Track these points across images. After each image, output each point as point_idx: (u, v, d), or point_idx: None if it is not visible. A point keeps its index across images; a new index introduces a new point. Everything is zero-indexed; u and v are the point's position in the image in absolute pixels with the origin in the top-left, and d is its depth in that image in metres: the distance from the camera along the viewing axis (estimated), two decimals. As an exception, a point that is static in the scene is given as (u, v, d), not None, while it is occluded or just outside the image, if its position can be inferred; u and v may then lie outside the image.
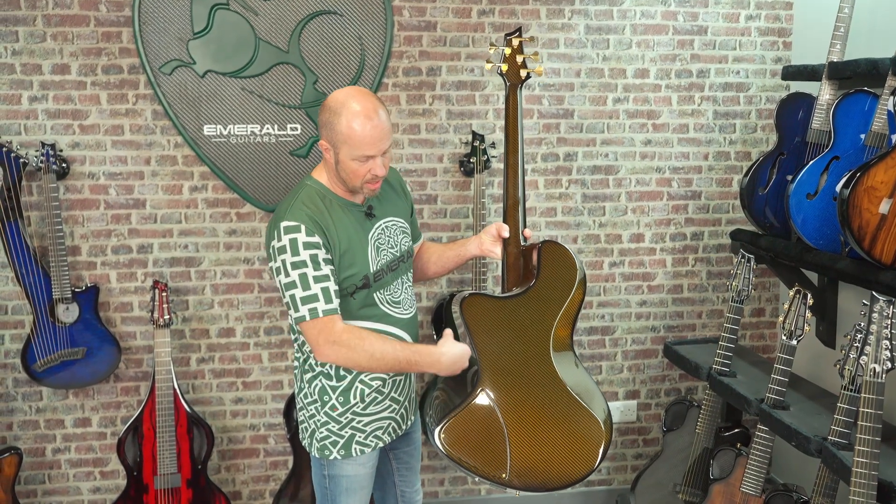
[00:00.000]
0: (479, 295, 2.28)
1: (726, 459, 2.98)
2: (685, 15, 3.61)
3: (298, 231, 2.17)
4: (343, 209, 2.29)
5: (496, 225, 2.36)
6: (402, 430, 2.49)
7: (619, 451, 3.87)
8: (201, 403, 3.54)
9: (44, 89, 3.28)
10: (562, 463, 2.21)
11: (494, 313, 2.27)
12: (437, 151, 3.53)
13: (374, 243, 2.32)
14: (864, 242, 2.55)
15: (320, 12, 3.36)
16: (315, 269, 2.16)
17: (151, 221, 3.42)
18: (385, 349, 2.20)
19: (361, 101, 2.19)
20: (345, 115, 2.17)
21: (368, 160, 2.20)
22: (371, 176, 2.22)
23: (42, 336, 3.26)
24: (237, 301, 3.51)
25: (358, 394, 2.35)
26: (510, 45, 2.34)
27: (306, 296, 2.16)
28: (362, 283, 2.28)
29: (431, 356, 2.24)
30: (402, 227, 2.43)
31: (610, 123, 3.63)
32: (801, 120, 3.09)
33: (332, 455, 2.37)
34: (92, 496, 3.53)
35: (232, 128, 3.38)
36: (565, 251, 2.28)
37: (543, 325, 2.27)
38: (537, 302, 2.27)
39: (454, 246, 2.56)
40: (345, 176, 2.24)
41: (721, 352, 3.16)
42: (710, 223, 3.76)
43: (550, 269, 2.27)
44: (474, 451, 2.21)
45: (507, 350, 2.26)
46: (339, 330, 2.18)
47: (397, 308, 2.38)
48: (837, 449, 2.47)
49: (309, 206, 2.23)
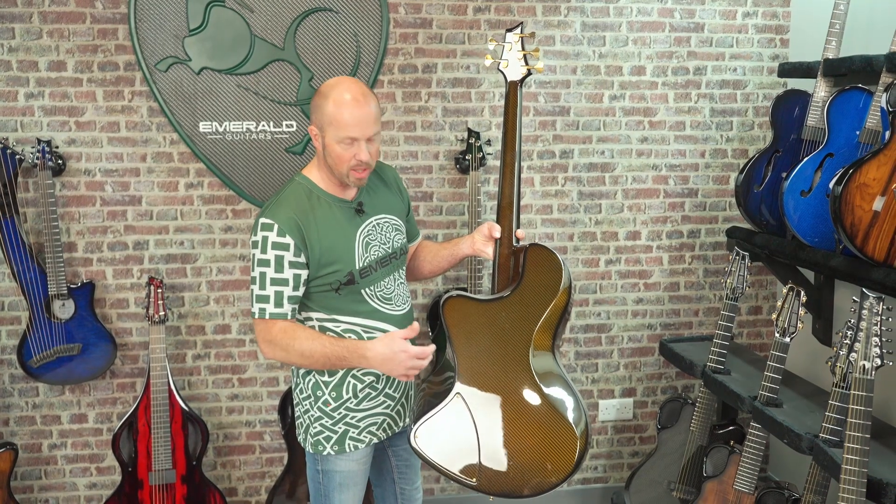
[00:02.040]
0: (460, 297, 2.25)
1: (720, 457, 2.98)
2: (682, 12, 3.60)
3: (271, 230, 2.20)
4: (330, 206, 2.29)
5: (488, 224, 2.34)
6: (399, 426, 2.49)
7: (616, 449, 3.86)
8: (197, 400, 3.54)
9: (40, 86, 3.29)
10: (533, 471, 2.17)
11: (475, 316, 2.24)
12: (433, 149, 3.53)
13: (363, 239, 2.32)
14: (856, 239, 2.54)
15: (316, 9, 3.36)
16: (276, 270, 2.21)
17: (147, 218, 3.43)
18: (314, 347, 2.22)
19: (350, 86, 2.22)
20: (332, 97, 2.20)
21: (353, 143, 2.21)
22: (356, 162, 2.22)
23: (38, 332, 3.27)
24: (233, 298, 3.52)
25: (350, 389, 2.35)
26: (511, 41, 2.30)
27: (260, 294, 2.23)
28: (346, 279, 2.28)
29: (357, 352, 2.22)
30: (394, 224, 2.43)
31: (606, 121, 3.63)
32: (796, 117, 3.09)
33: (326, 450, 2.37)
34: (88, 492, 3.54)
35: (227, 125, 3.39)
36: (551, 255, 2.23)
37: (524, 329, 2.21)
38: (519, 306, 2.22)
39: (448, 245, 2.55)
40: (331, 162, 2.24)
41: (715, 349, 3.15)
42: (707, 221, 3.76)
43: (535, 273, 2.22)
44: (447, 454, 2.20)
45: (485, 353, 2.22)
46: (276, 330, 2.23)
47: (388, 304, 2.38)
48: (828, 446, 2.46)
49: (291, 204, 2.25)
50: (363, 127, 2.20)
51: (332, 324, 2.32)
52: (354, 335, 2.32)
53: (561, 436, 2.16)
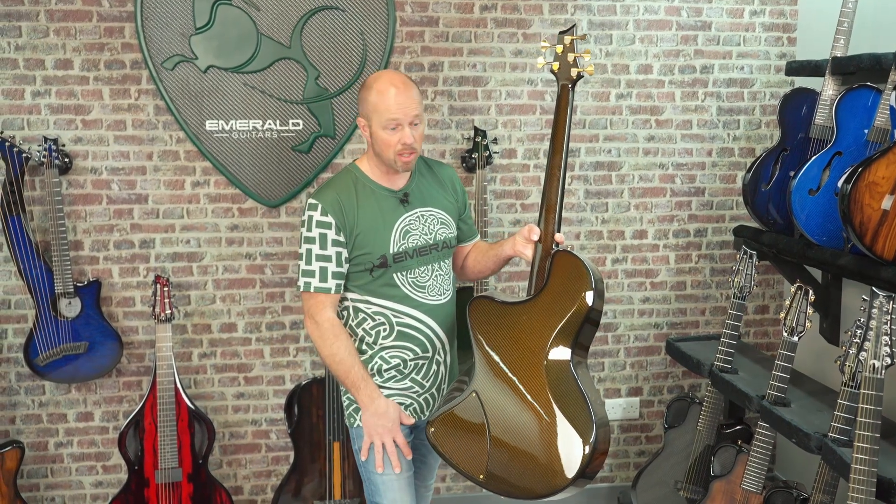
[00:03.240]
0: (484, 298, 2.31)
1: (727, 456, 2.97)
2: (689, 10, 3.59)
3: (315, 210, 2.35)
4: (374, 193, 2.41)
5: (528, 227, 2.37)
6: (426, 414, 2.51)
7: (622, 449, 3.86)
8: (203, 398, 3.54)
9: (46, 84, 3.29)
10: (534, 477, 2.17)
11: (497, 318, 2.27)
12: (440, 147, 3.53)
13: (403, 228, 2.41)
14: (865, 238, 2.53)
15: (322, 7, 3.36)
16: (321, 247, 2.35)
17: (153, 216, 3.42)
18: (345, 359, 2.38)
19: (391, 76, 2.37)
20: (375, 87, 2.33)
21: (397, 128, 2.31)
22: (401, 146, 2.33)
23: (44, 330, 3.27)
24: (239, 296, 3.52)
25: (376, 368, 2.44)
26: (563, 43, 2.28)
27: (306, 269, 2.36)
28: (380, 262, 2.39)
29: (368, 392, 2.38)
30: (441, 218, 2.50)
31: (613, 119, 3.62)
32: (804, 116, 3.08)
33: (356, 422, 2.47)
34: (94, 490, 3.54)
35: (234, 123, 3.39)
36: (577, 262, 2.20)
37: (542, 335, 2.21)
38: (541, 311, 2.22)
39: (495, 246, 2.58)
40: (378, 149, 2.36)
41: (723, 348, 3.14)
42: (714, 219, 3.75)
43: (560, 279, 2.21)
44: (458, 448, 2.27)
45: (503, 356, 2.25)
46: (325, 317, 2.39)
47: (421, 292, 2.44)
48: (837, 446, 2.45)
49: (338, 187, 2.40)
50: (406, 110, 2.31)
51: (364, 304, 2.43)
52: (384, 318, 2.42)
53: (565, 445, 2.13)
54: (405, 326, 2.43)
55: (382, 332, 2.43)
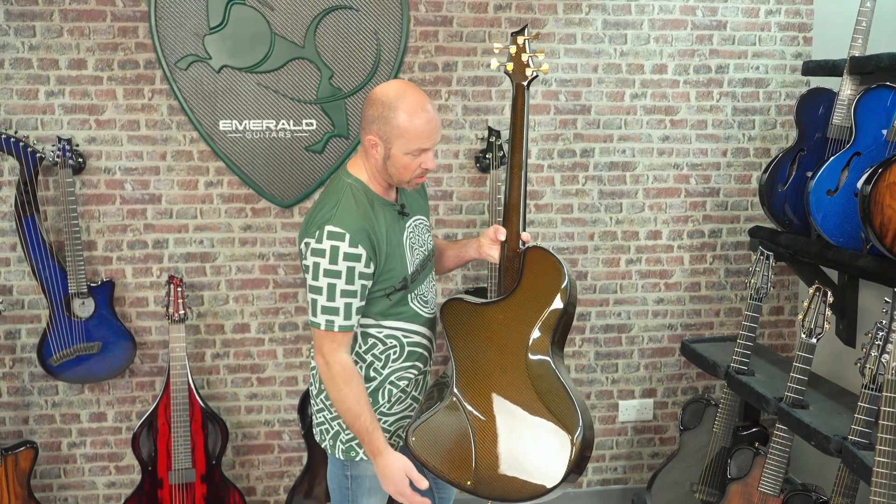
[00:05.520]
0: (457, 300, 2.26)
1: (744, 459, 2.95)
2: (704, 10, 3.57)
3: (342, 240, 2.11)
4: (382, 209, 2.24)
5: (494, 227, 2.31)
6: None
7: (636, 450, 3.84)
8: (216, 399, 3.54)
9: (60, 84, 3.29)
10: (524, 477, 2.13)
11: (472, 319, 2.23)
12: (453, 147, 3.52)
13: (408, 243, 2.30)
14: (885, 239, 2.51)
15: (336, 7, 3.35)
16: (347, 282, 2.13)
17: (167, 216, 3.42)
18: (352, 408, 2.18)
19: (415, 95, 2.17)
20: (401, 109, 2.13)
21: (422, 154, 2.18)
22: (421, 170, 2.21)
23: (58, 330, 3.26)
24: (252, 297, 3.51)
25: (386, 394, 2.33)
26: (515, 44, 2.26)
27: (328, 307, 2.14)
28: (401, 285, 2.25)
29: (370, 446, 2.20)
30: (426, 225, 2.42)
31: (627, 119, 3.60)
32: (821, 116, 3.05)
33: (359, 456, 2.32)
34: (107, 490, 3.54)
35: (247, 123, 3.38)
36: (550, 257, 2.19)
37: (520, 332, 2.17)
38: (517, 309, 2.19)
39: (454, 246, 2.52)
40: (393, 171, 2.20)
41: (739, 350, 3.12)
42: (729, 220, 3.73)
43: (533, 276, 2.19)
44: (442, 456, 2.19)
45: (481, 357, 2.21)
46: (337, 360, 2.18)
47: (426, 307, 2.36)
48: (858, 449, 2.43)
49: (359, 211, 2.17)
50: (433, 137, 2.19)
51: (375, 329, 2.28)
52: (396, 340, 2.29)
53: (553, 442, 2.10)
54: (414, 345, 2.34)
55: (393, 355, 2.31)
